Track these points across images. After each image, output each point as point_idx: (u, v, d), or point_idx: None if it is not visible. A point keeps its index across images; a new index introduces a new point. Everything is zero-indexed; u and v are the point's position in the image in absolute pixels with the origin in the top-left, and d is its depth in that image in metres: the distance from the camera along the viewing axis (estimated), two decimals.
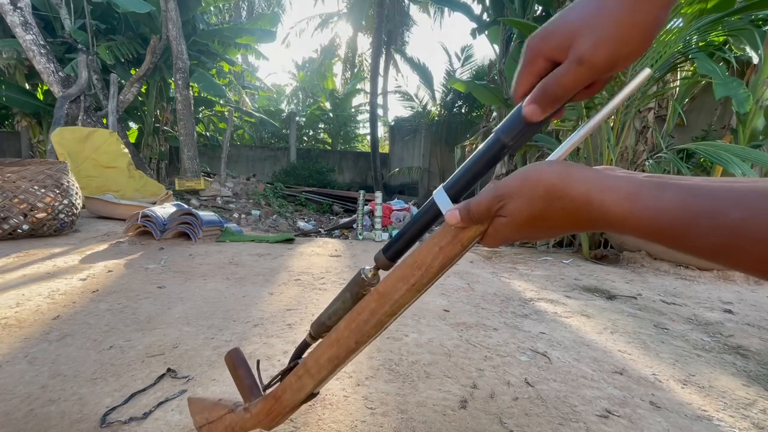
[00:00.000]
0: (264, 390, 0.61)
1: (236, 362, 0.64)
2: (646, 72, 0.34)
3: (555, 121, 4.55)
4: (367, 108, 11.84)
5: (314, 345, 0.55)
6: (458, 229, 0.39)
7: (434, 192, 0.43)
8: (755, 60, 3.34)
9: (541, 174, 0.33)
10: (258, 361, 0.67)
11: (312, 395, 0.56)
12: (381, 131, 13.23)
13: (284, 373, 0.57)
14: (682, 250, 0.28)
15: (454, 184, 0.43)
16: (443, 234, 0.41)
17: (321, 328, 0.54)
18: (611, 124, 3.32)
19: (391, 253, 0.48)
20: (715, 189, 0.26)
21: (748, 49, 3.39)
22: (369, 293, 0.48)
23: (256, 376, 0.63)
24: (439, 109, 11.25)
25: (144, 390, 0.98)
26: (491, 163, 0.41)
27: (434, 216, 0.44)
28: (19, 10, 5.31)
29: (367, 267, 0.51)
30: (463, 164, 0.43)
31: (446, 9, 11.68)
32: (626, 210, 0.29)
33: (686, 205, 0.26)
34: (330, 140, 14.35)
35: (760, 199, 0.24)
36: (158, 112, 8.29)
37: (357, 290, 0.50)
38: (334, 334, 0.50)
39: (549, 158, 0.38)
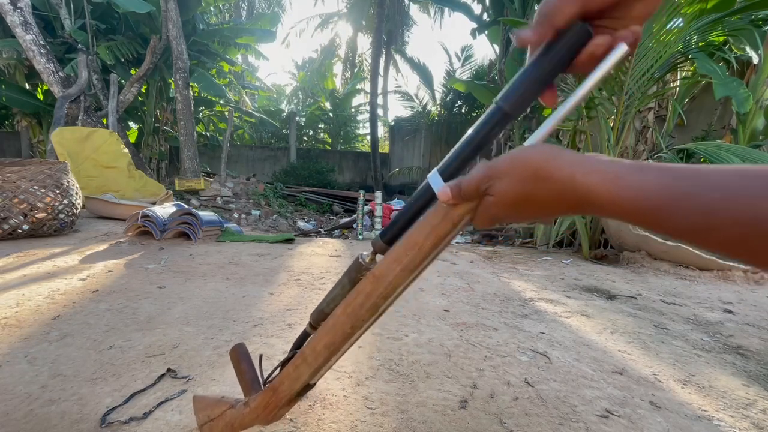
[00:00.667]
0: (264, 384, 0.61)
1: (240, 357, 0.64)
2: (623, 48, 0.35)
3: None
4: (367, 108, 11.83)
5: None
6: (449, 208, 0.40)
7: (429, 175, 0.44)
8: (755, 60, 3.35)
9: (529, 156, 0.34)
10: (261, 356, 0.66)
11: (308, 387, 0.56)
12: (381, 131, 13.22)
13: (284, 364, 0.58)
14: (663, 232, 0.29)
15: (447, 167, 0.44)
16: (435, 213, 0.42)
17: (320, 316, 0.54)
18: (611, 124, 3.32)
19: (388, 238, 0.49)
20: (696, 171, 0.27)
21: (748, 49, 3.39)
22: (365, 277, 0.48)
23: (258, 371, 0.63)
24: (439, 109, 11.25)
25: (144, 390, 0.98)
26: (483, 143, 0.42)
27: (429, 199, 0.45)
28: (19, 10, 5.31)
29: (365, 252, 0.51)
30: (455, 147, 0.44)
31: (446, 9, 11.68)
32: (611, 191, 0.30)
33: (668, 186, 0.27)
34: (330, 140, 14.35)
35: (737, 179, 0.25)
36: (158, 112, 8.29)
37: (355, 275, 0.50)
38: (331, 321, 0.51)
39: (529, 140, 0.39)
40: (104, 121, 6.23)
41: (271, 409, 0.56)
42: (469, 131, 0.43)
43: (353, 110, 14.22)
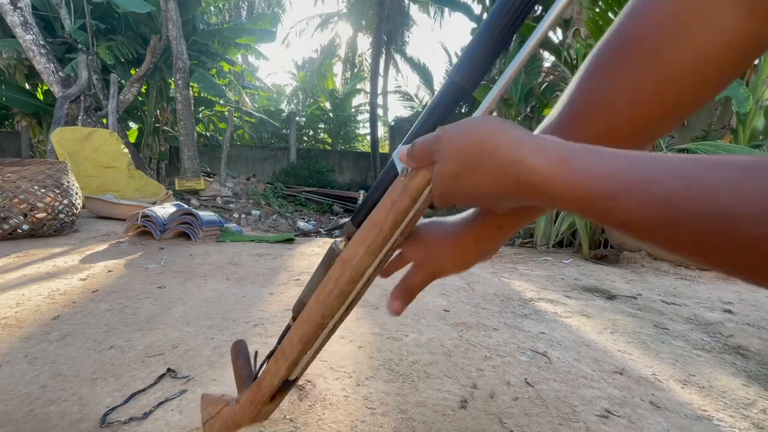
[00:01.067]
0: (254, 380, 0.60)
1: (239, 353, 0.63)
2: None
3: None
4: (367, 108, 11.84)
5: None
6: (407, 181, 0.39)
7: (394, 152, 0.42)
8: (755, 60, 3.34)
9: (476, 127, 0.32)
10: (256, 352, 0.65)
11: (288, 383, 0.54)
12: (381, 131, 13.23)
13: (269, 358, 0.57)
14: (615, 225, 0.25)
15: (409, 143, 0.42)
16: (394, 188, 0.41)
17: (300, 307, 0.53)
18: None
19: (358, 221, 0.47)
20: (656, 157, 0.24)
21: None
22: (335, 263, 0.47)
23: (254, 368, 0.62)
24: None
25: (144, 390, 0.98)
26: (441, 119, 0.40)
27: (395, 177, 0.43)
28: (19, 10, 5.31)
29: (339, 239, 0.50)
30: (416, 123, 0.42)
31: (446, 9, 11.69)
32: (557, 173, 0.27)
33: (622, 171, 0.24)
34: (330, 140, 14.35)
35: (701, 167, 0.22)
36: (158, 112, 8.29)
37: (329, 262, 0.49)
38: (305, 312, 0.49)
39: (480, 107, 0.38)
40: (104, 121, 6.23)
41: (255, 406, 0.55)
42: (427, 107, 0.42)
43: (353, 110, 14.22)
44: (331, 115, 13.78)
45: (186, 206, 3.28)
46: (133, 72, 7.29)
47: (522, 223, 0.45)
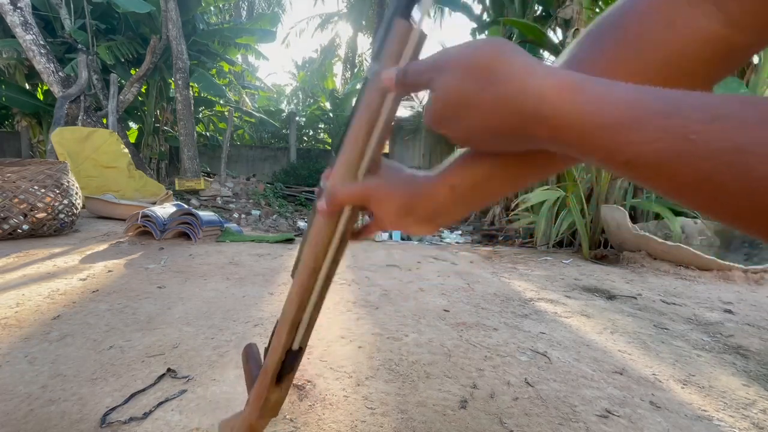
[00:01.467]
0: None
1: (249, 357, 0.60)
2: None
3: None
4: None
5: None
6: (377, 81, 0.36)
7: (370, 72, 0.39)
8: (755, 60, 3.34)
9: (478, 51, 0.29)
10: (266, 349, 0.59)
11: (293, 355, 0.50)
12: None
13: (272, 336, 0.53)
14: (618, 163, 0.23)
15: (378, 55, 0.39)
16: (366, 95, 0.38)
17: (297, 266, 0.49)
18: None
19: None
20: (676, 91, 0.22)
21: None
22: None
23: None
24: None
25: (144, 390, 0.98)
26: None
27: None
28: (19, 10, 5.31)
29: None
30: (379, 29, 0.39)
31: (446, 9, 11.68)
32: (567, 100, 0.25)
33: (636, 101, 0.23)
34: (330, 140, 14.35)
35: (720, 102, 0.20)
36: (158, 112, 8.29)
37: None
38: (300, 264, 0.47)
39: None
40: (104, 121, 6.23)
41: (261, 395, 0.52)
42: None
43: None
44: (331, 115, 13.76)
45: (186, 206, 3.29)
46: (133, 72, 7.29)
47: (473, 195, 0.40)
